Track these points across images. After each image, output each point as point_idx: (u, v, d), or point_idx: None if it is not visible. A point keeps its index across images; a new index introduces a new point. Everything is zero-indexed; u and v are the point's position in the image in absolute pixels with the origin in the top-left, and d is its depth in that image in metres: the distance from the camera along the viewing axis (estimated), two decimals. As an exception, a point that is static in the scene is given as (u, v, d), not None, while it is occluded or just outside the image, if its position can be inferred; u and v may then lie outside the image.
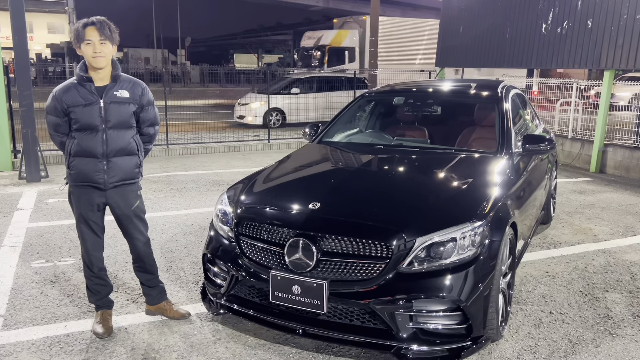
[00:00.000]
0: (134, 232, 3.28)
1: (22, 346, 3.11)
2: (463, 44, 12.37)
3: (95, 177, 3.07)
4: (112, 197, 3.15)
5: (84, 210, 3.14)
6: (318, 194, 3.27)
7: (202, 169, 8.63)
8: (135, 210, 3.25)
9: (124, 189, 3.18)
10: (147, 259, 3.37)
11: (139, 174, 3.25)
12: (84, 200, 3.13)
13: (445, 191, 3.38)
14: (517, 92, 5.03)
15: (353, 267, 2.82)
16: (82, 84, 3.03)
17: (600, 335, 3.33)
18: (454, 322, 2.80)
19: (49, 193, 6.78)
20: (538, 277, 4.25)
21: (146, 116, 3.24)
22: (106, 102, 3.03)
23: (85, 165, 3.05)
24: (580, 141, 9.57)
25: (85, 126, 3.02)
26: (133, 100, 3.13)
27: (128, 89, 3.11)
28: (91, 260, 3.22)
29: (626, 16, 8.39)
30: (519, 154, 4.00)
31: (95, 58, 2.96)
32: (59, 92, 3.03)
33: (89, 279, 3.27)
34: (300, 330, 2.93)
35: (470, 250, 2.84)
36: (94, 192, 3.11)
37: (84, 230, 3.18)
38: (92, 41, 2.94)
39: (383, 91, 5.30)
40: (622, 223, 5.85)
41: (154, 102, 3.29)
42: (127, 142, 3.13)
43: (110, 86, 3.07)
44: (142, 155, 3.26)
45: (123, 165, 3.13)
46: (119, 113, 3.07)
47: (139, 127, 3.24)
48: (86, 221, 3.16)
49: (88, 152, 3.04)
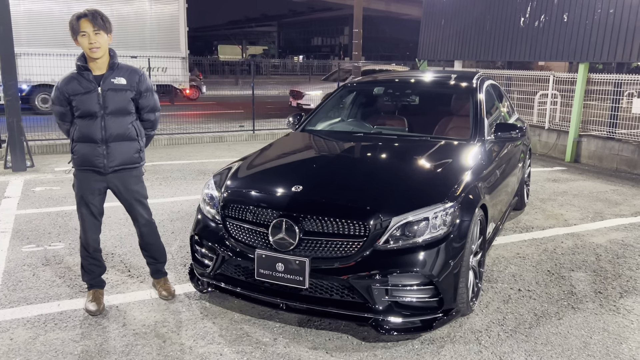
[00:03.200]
0: (136, 215, 3.49)
1: (17, 323, 3.25)
2: (445, 37, 12.61)
3: (95, 161, 3.24)
4: (112, 181, 3.33)
5: (84, 193, 3.32)
6: (301, 177, 3.45)
7: (187, 158, 8.75)
8: (135, 195, 3.42)
9: (124, 173, 3.34)
10: (148, 239, 3.58)
11: (139, 159, 3.40)
12: (85, 184, 3.31)
13: (419, 175, 3.59)
14: (492, 83, 5.26)
15: (333, 245, 3.02)
16: (81, 73, 3.21)
17: (564, 309, 3.58)
18: (427, 296, 3.01)
19: (35, 182, 6.86)
20: (509, 258, 4.50)
21: (145, 103, 3.38)
22: (104, 89, 3.19)
23: (86, 150, 3.23)
24: (556, 132, 9.87)
25: (85, 113, 3.20)
26: (130, 87, 3.28)
27: (125, 77, 3.27)
28: (88, 241, 3.39)
29: (600, 10, 8.68)
30: (491, 141, 4.22)
31: (91, 49, 3.12)
32: (62, 84, 3.23)
33: (84, 259, 3.44)
34: (283, 305, 3.12)
35: (442, 229, 3.05)
36: (95, 176, 3.29)
37: (83, 212, 3.36)
38: (86, 32, 3.09)
39: (364, 81, 5.49)
40: (591, 209, 6.13)
41: (152, 89, 3.43)
42: (126, 128, 3.29)
43: (107, 74, 3.22)
44: (143, 141, 3.42)
45: (122, 150, 3.29)
46: (116, 100, 3.23)
47: (139, 114, 3.40)
48: (86, 204, 3.33)
49: (88, 137, 3.22)
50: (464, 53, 12.21)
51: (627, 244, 4.92)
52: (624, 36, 8.35)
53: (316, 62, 37.88)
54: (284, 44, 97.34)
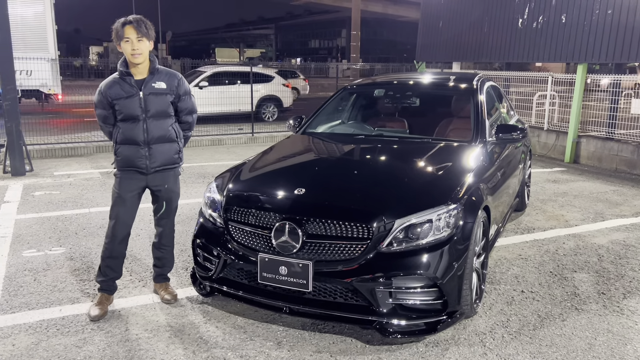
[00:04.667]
0: (167, 212, 3.59)
1: (19, 328, 3.23)
2: (442, 39, 12.62)
3: (138, 162, 3.36)
4: (153, 180, 3.46)
5: (123, 192, 3.41)
6: (303, 180, 3.44)
7: (187, 162, 8.73)
8: (172, 194, 3.56)
9: (164, 173, 3.48)
10: (166, 241, 3.66)
11: (178, 159, 3.54)
12: (125, 184, 3.41)
13: (422, 177, 3.58)
14: (492, 85, 5.27)
15: (336, 248, 3.01)
16: (123, 78, 3.31)
17: (567, 311, 3.57)
18: (431, 298, 3.00)
19: (34, 186, 6.84)
20: (512, 259, 4.49)
21: (183, 105, 3.50)
22: (145, 93, 3.31)
23: (129, 151, 3.35)
24: (555, 133, 9.88)
25: (127, 116, 3.30)
26: (170, 91, 3.39)
27: (165, 81, 3.37)
28: (114, 243, 3.44)
29: (598, 11, 8.69)
30: (492, 143, 4.22)
31: (133, 55, 3.22)
32: (104, 88, 3.33)
33: (103, 260, 3.49)
34: (287, 308, 3.11)
35: (445, 231, 3.05)
36: (137, 176, 3.41)
37: (119, 211, 3.43)
38: (130, 39, 3.20)
39: (364, 84, 5.48)
40: (592, 210, 6.13)
41: (190, 92, 3.55)
42: (166, 130, 3.41)
43: (148, 79, 3.33)
44: (182, 142, 3.55)
45: (163, 151, 3.41)
46: (157, 103, 3.34)
47: (177, 116, 3.51)
48: (124, 202, 3.42)
49: (131, 140, 3.33)
50: (462, 55, 12.23)
51: (628, 245, 4.92)
52: (622, 37, 8.36)
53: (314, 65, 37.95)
54: (281, 46, 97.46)
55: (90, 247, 4.64)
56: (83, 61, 21.34)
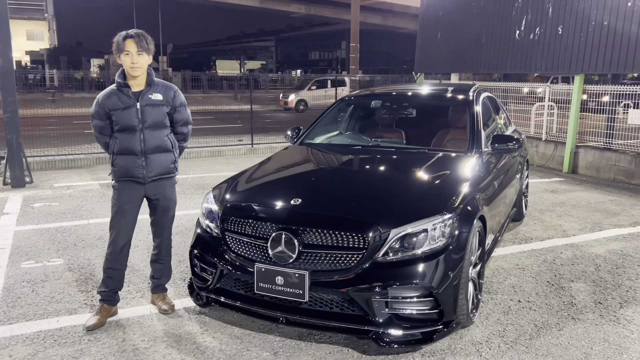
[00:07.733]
0: (164, 224, 3.63)
1: (16, 340, 3.24)
2: (441, 50, 12.71)
3: (135, 172, 3.40)
4: (151, 189, 3.50)
5: (122, 204, 3.44)
6: (299, 190, 3.47)
7: (185, 173, 8.76)
8: (170, 203, 3.60)
9: (161, 182, 3.52)
10: (164, 253, 3.69)
11: (174, 169, 3.59)
12: (124, 195, 3.45)
13: (418, 187, 3.60)
14: (489, 95, 5.31)
15: (332, 258, 3.02)
16: (121, 89, 3.37)
17: (564, 320, 3.57)
18: (427, 308, 3.01)
19: (34, 198, 6.86)
20: (509, 269, 4.50)
21: (179, 116, 3.57)
22: (142, 104, 3.37)
23: (126, 161, 3.39)
24: (553, 143, 9.92)
25: (124, 127, 3.35)
26: (166, 103, 3.46)
27: (161, 92, 3.44)
28: (116, 254, 3.48)
29: (594, 22, 8.77)
30: (488, 153, 4.25)
31: (132, 68, 3.29)
32: (102, 99, 3.39)
33: (105, 271, 3.52)
34: (283, 318, 3.12)
35: (441, 240, 3.06)
36: (134, 186, 3.45)
37: (121, 222, 3.46)
38: (130, 52, 3.26)
39: (362, 95, 5.53)
40: (590, 219, 6.14)
41: (185, 104, 3.62)
42: (162, 140, 3.47)
43: (145, 90, 3.40)
44: (177, 152, 3.61)
45: (160, 161, 3.46)
46: (153, 114, 3.40)
47: (173, 127, 3.57)
48: (124, 214, 3.45)
49: (128, 150, 3.38)
50: (460, 66, 12.31)
51: (626, 254, 4.92)
52: (618, 47, 8.42)
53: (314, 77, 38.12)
54: (281, 58, 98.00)
55: (89, 258, 4.65)
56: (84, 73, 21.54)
